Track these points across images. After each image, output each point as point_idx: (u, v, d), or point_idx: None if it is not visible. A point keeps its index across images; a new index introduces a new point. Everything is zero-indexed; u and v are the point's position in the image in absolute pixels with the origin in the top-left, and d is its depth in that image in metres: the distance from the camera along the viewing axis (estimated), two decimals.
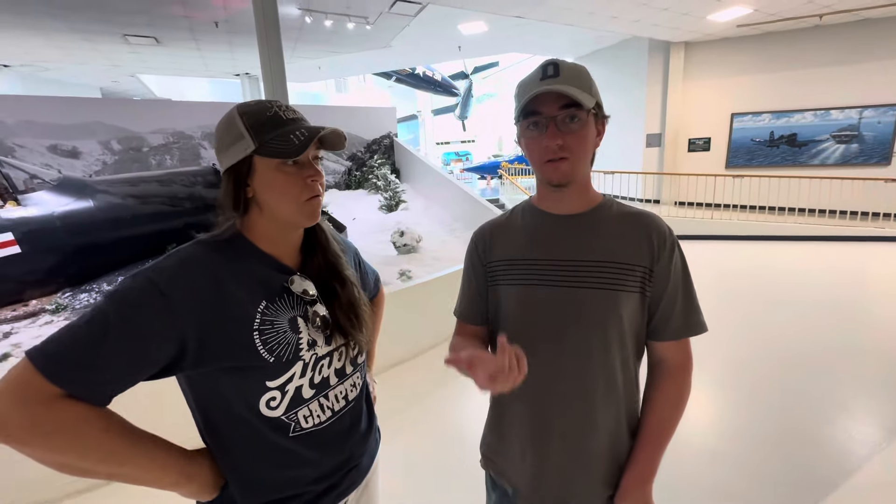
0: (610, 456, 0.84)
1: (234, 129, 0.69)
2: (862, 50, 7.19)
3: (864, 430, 2.27)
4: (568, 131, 0.74)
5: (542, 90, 0.72)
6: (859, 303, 4.16)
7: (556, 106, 0.73)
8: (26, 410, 0.55)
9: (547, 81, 0.74)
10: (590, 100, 0.74)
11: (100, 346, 0.58)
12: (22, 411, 0.55)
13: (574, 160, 0.76)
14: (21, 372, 0.56)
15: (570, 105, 0.73)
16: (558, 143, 0.74)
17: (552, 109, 0.74)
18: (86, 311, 0.61)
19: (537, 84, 0.74)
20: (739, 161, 8.42)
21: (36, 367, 0.56)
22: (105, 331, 0.59)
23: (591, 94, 0.75)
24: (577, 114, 0.74)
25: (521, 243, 0.85)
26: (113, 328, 0.59)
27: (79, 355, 0.58)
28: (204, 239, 0.71)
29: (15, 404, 0.55)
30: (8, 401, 0.55)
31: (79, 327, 0.59)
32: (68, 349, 0.58)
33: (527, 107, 0.74)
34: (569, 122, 0.74)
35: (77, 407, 0.58)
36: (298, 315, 0.73)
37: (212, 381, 0.69)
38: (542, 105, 0.74)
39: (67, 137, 6.22)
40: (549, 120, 0.74)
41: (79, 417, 0.58)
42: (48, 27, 6.08)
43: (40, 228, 4.24)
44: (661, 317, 0.81)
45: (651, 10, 6.38)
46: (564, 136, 0.74)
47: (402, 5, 5.79)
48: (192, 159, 7.03)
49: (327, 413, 0.77)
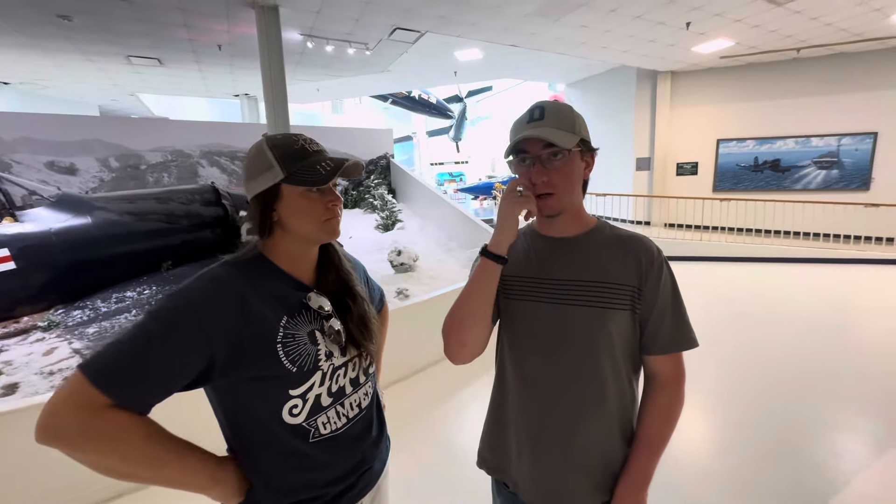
0: (603, 463, 0.88)
1: (265, 159, 0.76)
2: (838, 81, 7.58)
3: (850, 447, 2.33)
4: (552, 168, 0.83)
5: (527, 135, 0.81)
6: (843, 323, 4.28)
7: (539, 146, 0.83)
8: (80, 418, 0.61)
9: (532, 125, 0.83)
10: (571, 139, 0.83)
11: (144, 360, 0.65)
12: (77, 419, 0.61)
13: (560, 194, 0.85)
14: (75, 383, 0.63)
15: (553, 145, 0.82)
16: (543, 179, 0.83)
17: (537, 149, 0.83)
18: (128, 328, 0.68)
19: (524, 126, 0.84)
20: (726, 185, 8.69)
21: (88, 380, 0.62)
22: (148, 346, 0.65)
23: (573, 133, 0.84)
24: (559, 151, 0.82)
25: (522, 263, 0.93)
26: (154, 344, 0.65)
27: (126, 369, 0.64)
28: (230, 260, 0.78)
29: (71, 413, 0.61)
30: (64, 409, 0.62)
31: (124, 343, 0.65)
32: (116, 363, 0.64)
33: (516, 146, 0.84)
34: (552, 159, 0.83)
35: (123, 416, 0.64)
36: (316, 328, 0.80)
37: (239, 392, 0.74)
38: (529, 145, 0.83)
39: (66, 154, 6.25)
40: (535, 158, 0.83)
41: (125, 425, 0.64)
42: (53, 48, 6.19)
43: (36, 244, 4.23)
44: (651, 333, 0.87)
45: (639, 42, 6.69)
46: (549, 172, 0.83)
47: (402, 33, 6.00)
48: (190, 177, 7.07)
49: (343, 420, 0.83)
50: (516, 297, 0.92)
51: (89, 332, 4.04)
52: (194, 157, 7.14)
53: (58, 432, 0.61)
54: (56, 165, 6.22)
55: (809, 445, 2.33)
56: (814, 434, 2.43)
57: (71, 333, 4.01)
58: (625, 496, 0.87)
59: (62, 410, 0.62)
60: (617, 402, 0.88)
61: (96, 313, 4.35)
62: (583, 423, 0.86)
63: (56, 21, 5.19)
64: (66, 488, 1.97)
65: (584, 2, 5.13)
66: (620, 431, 0.89)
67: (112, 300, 4.53)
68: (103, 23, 5.33)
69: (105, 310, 4.41)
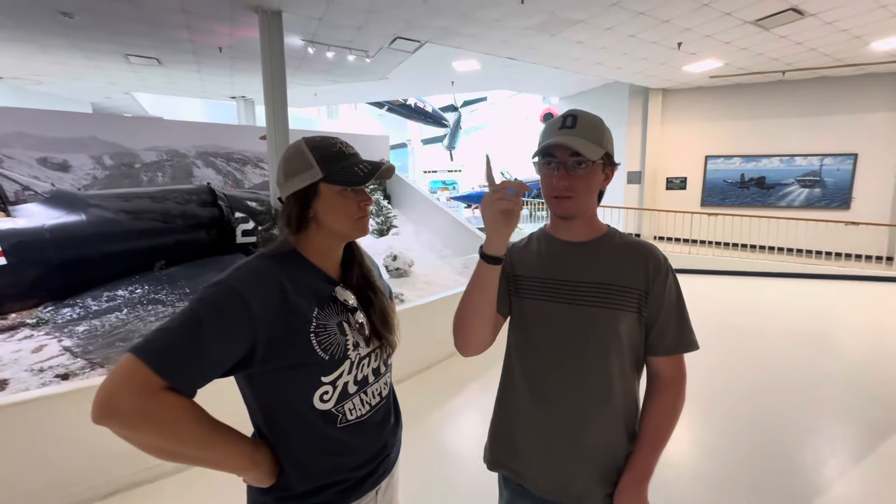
0: (607, 457, 0.93)
1: (304, 159, 0.81)
2: (822, 103, 7.89)
3: (832, 452, 2.43)
4: (575, 175, 0.88)
5: (557, 141, 0.86)
6: (823, 335, 4.42)
7: (567, 153, 0.87)
8: (138, 399, 0.64)
9: (563, 132, 0.87)
10: (597, 151, 0.88)
11: (194, 344, 0.68)
12: (135, 399, 0.63)
13: (577, 199, 0.90)
14: (129, 366, 0.65)
15: (579, 154, 0.87)
16: (565, 184, 0.88)
17: (564, 156, 0.88)
18: (177, 315, 0.71)
19: (556, 132, 0.88)
20: (713, 200, 8.92)
21: (145, 363, 0.65)
22: (198, 331, 0.68)
23: (600, 146, 0.90)
24: (584, 161, 0.88)
25: (535, 264, 0.98)
26: (204, 329, 0.68)
27: (179, 352, 0.67)
28: (266, 253, 0.82)
29: (128, 394, 0.63)
30: (122, 391, 0.64)
31: (174, 328, 0.68)
32: (170, 347, 0.67)
33: (545, 149, 0.89)
34: (577, 167, 0.88)
35: (177, 398, 0.67)
36: (343, 320, 0.85)
37: (274, 379, 0.78)
38: (557, 150, 0.88)
39: (59, 151, 6.19)
40: (561, 164, 0.88)
41: (179, 407, 0.67)
42: (50, 43, 6.16)
43: (28, 241, 4.18)
44: (656, 334, 0.93)
45: (631, 59, 6.90)
46: (571, 179, 0.88)
47: (402, 42, 6.11)
48: (185, 177, 7.05)
49: (366, 407, 0.88)
50: (529, 297, 0.97)
51: (79, 330, 3.99)
52: (189, 157, 7.13)
53: (116, 412, 0.63)
54: (49, 162, 6.16)
55: (790, 450, 2.42)
56: (795, 439, 2.52)
57: (60, 331, 3.95)
58: (628, 489, 0.91)
59: (120, 391, 0.63)
60: (622, 399, 0.93)
61: (87, 311, 4.30)
62: (590, 418, 0.91)
63: (56, 17, 5.19)
64: (64, 483, 1.96)
65: (581, 19, 5.30)
66: (625, 427, 0.94)
67: (103, 298, 4.48)
68: (104, 21, 5.34)
69: (96, 308, 4.35)
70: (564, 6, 4.94)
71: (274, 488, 0.81)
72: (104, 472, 2.04)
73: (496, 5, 4.91)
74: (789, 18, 5.18)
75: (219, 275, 0.76)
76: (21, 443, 1.90)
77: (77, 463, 1.98)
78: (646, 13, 5.11)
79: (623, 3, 4.86)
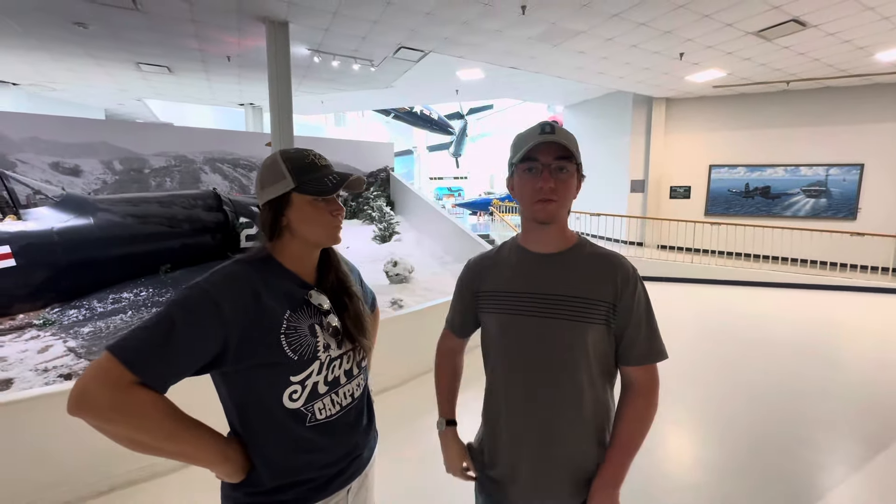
0: (580, 465, 0.95)
1: (278, 170, 0.85)
2: (827, 114, 7.85)
3: (828, 463, 2.41)
4: (558, 179, 0.91)
5: (544, 140, 0.89)
6: (827, 347, 4.37)
7: (551, 157, 0.91)
8: (111, 393, 0.68)
9: (545, 136, 0.90)
10: (577, 156, 0.93)
11: (167, 342, 0.72)
12: (107, 393, 0.68)
13: (560, 203, 0.92)
14: (105, 362, 0.69)
15: (563, 158, 0.91)
16: (551, 185, 0.90)
17: (548, 159, 0.91)
18: (153, 315, 0.75)
19: (537, 136, 0.91)
20: (718, 209, 8.88)
21: (118, 358, 0.69)
22: (171, 331, 0.72)
23: (577, 153, 0.94)
24: (566, 165, 0.91)
25: (504, 277, 1.00)
26: (177, 329, 0.73)
27: (152, 350, 0.71)
28: (242, 258, 0.87)
29: (103, 388, 0.68)
30: (97, 385, 0.68)
31: (149, 327, 0.73)
32: (144, 344, 0.71)
33: (527, 154, 0.91)
34: (559, 171, 0.91)
35: (148, 393, 0.71)
36: (315, 323, 0.88)
37: (245, 378, 0.82)
38: (540, 154, 0.91)
39: (71, 155, 6.35)
40: (544, 167, 0.90)
41: (150, 401, 0.71)
42: (65, 52, 6.34)
43: (38, 243, 4.28)
44: (626, 344, 0.95)
45: (634, 69, 6.94)
46: (555, 181, 0.91)
47: (407, 52, 6.21)
48: (192, 183, 7.18)
49: (337, 407, 0.91)
50: (498, 311, 0.99)
51: (84, 331, 4.06)
52: (197, 162, 7.26)
53: (89, 405, 0.67)
54: (60, 166, 6.32)
55: (789, 461, 2.40)
56: (796, 452, 2.50)
57: (66, 332, 4.03)
58: (599, 493, 0.93)
59: (93, 385, 0.68)
60: (592, 409, 0.95)
61: (92, 313, 4.38)
62: (561, 428, 0.93)
63: (71, 27, 5.35)
64: (56, 482, 2.00)
65: (582, 29, 5.36)
66: (596, 436, 0.96)
67: (108, 301, 4.57)
68: (116, 31, 5.50)
69: (101, 310, 4.44)
70: (565, 17, 5.00)
71: (244, 484, 0.84)
72: (102, 470, 2.08)
73: (498, 16, 4.98)
74: (791, 30, 5.19)
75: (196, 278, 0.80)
76: (21, 440, 1.95)
77: (75, 461, 2.03)
78: (647, 24, 5.16)
79: (624, 15, 4.91)
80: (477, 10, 4.82)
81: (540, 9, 4.78)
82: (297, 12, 4.88)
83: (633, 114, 9.17)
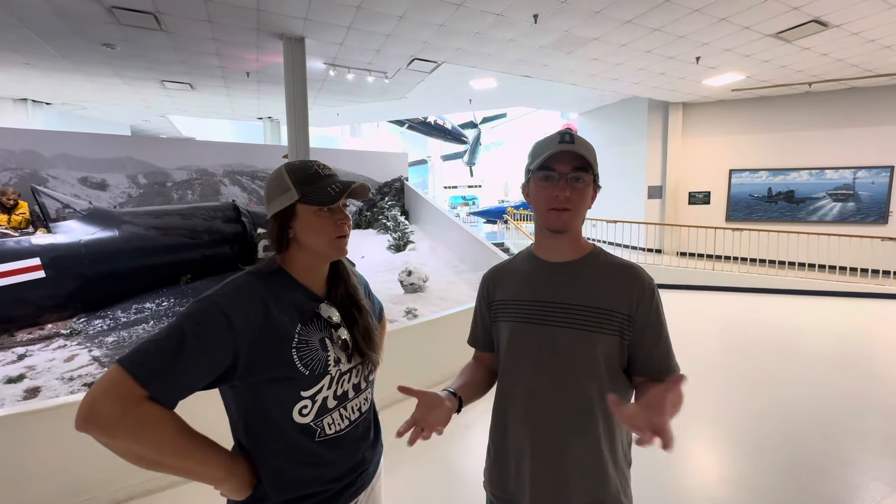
0: (591, 478, 0.90)
1: (283, 183, 0.86)
2: (852, 115, 7.60)
3: (863, 484, 2.28)
4: (574, 188, 0.90)
5: (562, 149, 0.88)
6: (859, 358, 4.18)
7: (569, 166, 0.90)
8: (120, 407, 0.67)
9: (564, 145, 0.89)
10: (595, 167, 0.92)
11: (178, 357, 0.71)
12: (117, 408, 0.66)
13: (575, 212, 0.91)
14: (114, 376, 0.68)
15: (580, 168, 0.90)
16: (566, 194, 0.89)
17: (565, 168, 0.90)
18: (163, 329, 0.74)
19: (556, 145, 0.90)
20: (739, 215, 8.65)
21: (128, 373, 0.68)
22: (181, 344, 0.71)
23: (595, 164, 0.92)
24: (583, 176, 0.90)
25: (517, 286, 0.99)
26: (188, 342, 0.72)
27: (162, 364, 0.70)
28: (253, 270, 0.86)
29: (112, 402, 0.67)
30: (106, 399, 0.67)
31: (160, 341, 0.72)
32: (153, 359, 0.70)
33: (544, 162, 0.90)
34: (575, 181, 0.90)
35: (157, 408, 0.70)
36: (326, 336, 0.87)
37: (254, 392, 0.81)
38: (557, 163, 0.90)
39: (98, 170, 6.60)
40: (561, 176, 0.90)
41: (159, 416, 0.70)
42: (95, 72, 6.64)
43: (66, 255, 4.43)
44: (644, 358, 0.91)
45: (650, 74, 6.87)
46: (571, 191, 0.90)
47: (420, 63, 6.29)
48: (213, 195, 7.37)
49: (345, 422, 0.90)
50: (509, 319, 0.98)
51: (108, 340, 4.18)
52: (217, 175, 7.46)
53: (98, 420, 0.66)
54: (88, 181, 6.57)
55: (822, 479, 2.28)
56: (827, 470, 2.38)
57: (91, 341, 4.15)
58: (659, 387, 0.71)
59: (103, 399, 0.66)
60: (603, 421, 0.91)
61: (116, 323, 4.51)
62: (571, 440, 0.90)
63: (100, 49, 5.60)
64: (80, 489, 2.04)
65: (595, 36, 5.34)
66: (609, 451, 0.92)
67: (132, 311, 4.70)
68: (142, 51, 5.73)
69: (125, 320, 4.56)
70: (578, 24, 4.99)
71: (250, 499, 0.83)
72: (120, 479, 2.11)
73: (510, 26, 5.01)
74: (812, 30, 5.07)
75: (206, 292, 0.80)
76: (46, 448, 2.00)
77: (96, 469, 2.07)
78: (661, 29, 5.11)
79: (637, 21, 4.88)
80: (489, 20, 4.85)
81: (552, 17, 4.78)
82: (313, 28, 5.01)
83: (649, 119, 9.05)
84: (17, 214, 4.93)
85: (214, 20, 4.78)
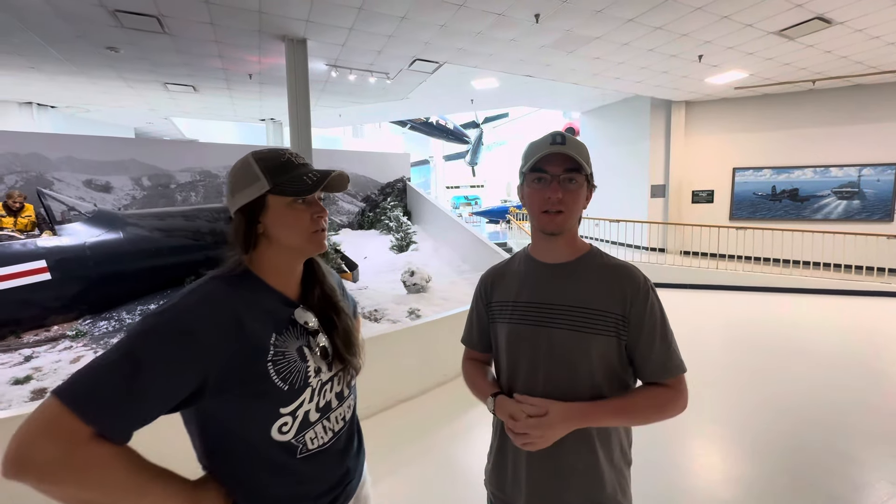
0: (586, 479, 0.90)
1: (250, 172, 0.76)
2: (857, 112, 7.55)
3: (871, 481, 2.27)
4: (566, 190, 0.90)
5: (553, 151, 0.88)
6: (864, 356, 4.15)
7: (561, 168, 0.89)
8: (59, 449, 0.55)
9: (555, 146, 0.89)
10: (587, 168, 0.91)
11: (131, 385, 0.59)
12: (56, 450, 0.55)
13: (568, 214, 0.91)
14: (52, 411, 0.57)
15: (572, 169, 0.89)
16: (559, 196, 0.89)
17: (557, 170, 0.89)
18: (112, 348, 0.62)
19: (548, 147, 0.90)
20: (743, 213, 8.61)
21: (68, 407, 0.57)
22: (136, 371, 0.60)
23: (587, 165, 0.92)
24: (575, 177, 0.90)
25: (513, 287, 0.99)
26: (144, 367, 0.60)
27: (111, 395, 0.59)
28: (218, 275, 0.75)
29: (52, 444, 0.55)
30: (42, 440, 0.55)
31: (108, 366, 0.60)
32: (100, 389, 0.59)
33: (536, 164, 0.90)
34: (568, 182, 0.90)
35: (106, 446, 0.59)
36: (303, 344, 0.79)
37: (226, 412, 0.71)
38: (549, 165, 0.89)
39: (103, 173, 6.65)
40: (554, 178, 0.89)
41: (108, 455, 0.59)
42: (99, 75, 6.68)
43: (71, 257, 4.46)
44: (640, 360, 0.91)
45: (652, 73, 6.85)
46: (563, 192, 0.89)
47: (421, 64, 6.30)
48: (215, 196, 7.40)
49: (329, 434, 0.83)
50: (504, 321, 0.98)
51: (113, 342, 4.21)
52: (221, 177, 7.50)
53: (32, 465, 0.55)
54: (93, 183, 6.62)
55: (827, 479, 2.27)
56: (832, 467, 2.37)
57: (97, 343, 4.18)
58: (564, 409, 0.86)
59: (39, 441, 0.55)
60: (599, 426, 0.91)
61: (121, 324, 4.54)
62: (566, 441, 0.89)
63: (104, 52, 5.64)
64: None
65: (597, 35, 5.33)
66: (604, 452, 0.92)
67: (136, 312, 4.72)
68: (145, 53, 5.76)
69: (129, 321, 4.59)
70: (579, 24, 4.99)
71: None
72: None
73: (512, 26, 5.01)
74: (815, 27, 5.04)
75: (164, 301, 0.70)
76: None
77: None
78: (663, 28, 5.09)
79: (639, 19, 4.87)
80: (491, 20, 4.86)
81: (554, 17, 4.78)
82: (315, 29, 5.02)
83: (651, 118, 9.03)
84: (23, 217, 4.98)
85: (217, 23, 4.80)
